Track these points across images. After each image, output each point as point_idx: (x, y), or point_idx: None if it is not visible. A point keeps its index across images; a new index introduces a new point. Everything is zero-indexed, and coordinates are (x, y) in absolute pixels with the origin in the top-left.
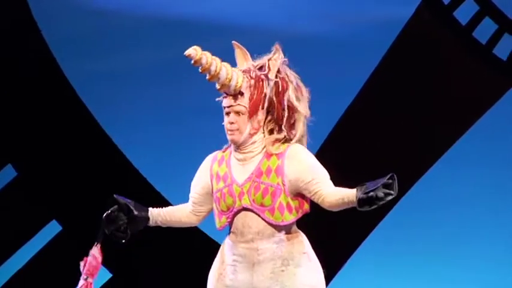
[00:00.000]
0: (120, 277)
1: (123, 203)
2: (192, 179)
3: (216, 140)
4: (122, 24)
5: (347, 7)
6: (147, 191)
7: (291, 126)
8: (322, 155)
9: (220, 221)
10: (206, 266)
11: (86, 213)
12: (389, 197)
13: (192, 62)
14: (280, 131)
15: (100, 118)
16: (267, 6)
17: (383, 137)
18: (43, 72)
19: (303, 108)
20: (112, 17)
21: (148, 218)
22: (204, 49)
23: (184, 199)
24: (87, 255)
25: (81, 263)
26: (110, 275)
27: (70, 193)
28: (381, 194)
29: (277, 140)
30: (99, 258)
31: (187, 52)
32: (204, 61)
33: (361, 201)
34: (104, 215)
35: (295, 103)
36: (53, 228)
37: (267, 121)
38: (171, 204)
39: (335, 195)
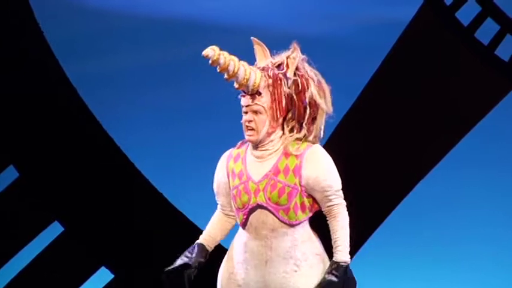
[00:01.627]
0: (122, 278)
1: (195, 266)
2: (194, 181)
3: (217, 140)
4: (124, 25)
5: (348, 8)
6: (150, 193)
7: (311, 122)
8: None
9: (239, 218)
10: (210, 268)
11: (88, 214)
12: None
13: (210, 62)
14: (300, 129)
15: (102, 119)
16: (265, 7)
17: (384, 138)
18: (45, 74)
19: (325, 104)
20: (114, 17)
21: (208, 252)
22: (203, 49)
23: (186, 199)
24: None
25: None
26: (112, 276)
27: (72, 194)
28: None
29: (297, 140)
30: None
31: (205, 52)
32: (222, 61)
33: None
34: (185, 278)
35: (318, 100)
36: (55, 229)
37: (287, 119)
38: (172, 205)
39: (332, 228)
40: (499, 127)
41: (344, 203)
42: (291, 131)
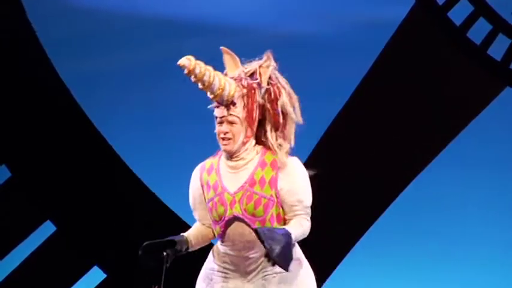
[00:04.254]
0: (114, 278)
1: (176, 250)
2: (185, 179)
3: (207, 141)
4: (115, 24)
5: (340, 7)
6: (143, 193)
7: (283, 131)
8: (315, 156)
9: (215, 230)
10: (193, 267)
11: (80, 214)
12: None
13: (186, 72)
14: (277, 136)
15: (95, 118)
16: (255, 6)
17: (376, 138)
18: (38, 73)
19: (294, 113)
20: (105, 17)
21: (187, 245)
22: (195, 49)
23: (178, 198)
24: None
25: None
26: (104, 276)
27: (64, 194)
28: None
29: (279, 146)
30: None
31: (180, 62)
32: (197, 71)
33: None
34: (164, 258)
35: (289, 109)
36: (47, 229)
37: (264, 128)
38: (165, 205)
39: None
40: (492, 126)
41: (309, 219)
42: (265, 134)
